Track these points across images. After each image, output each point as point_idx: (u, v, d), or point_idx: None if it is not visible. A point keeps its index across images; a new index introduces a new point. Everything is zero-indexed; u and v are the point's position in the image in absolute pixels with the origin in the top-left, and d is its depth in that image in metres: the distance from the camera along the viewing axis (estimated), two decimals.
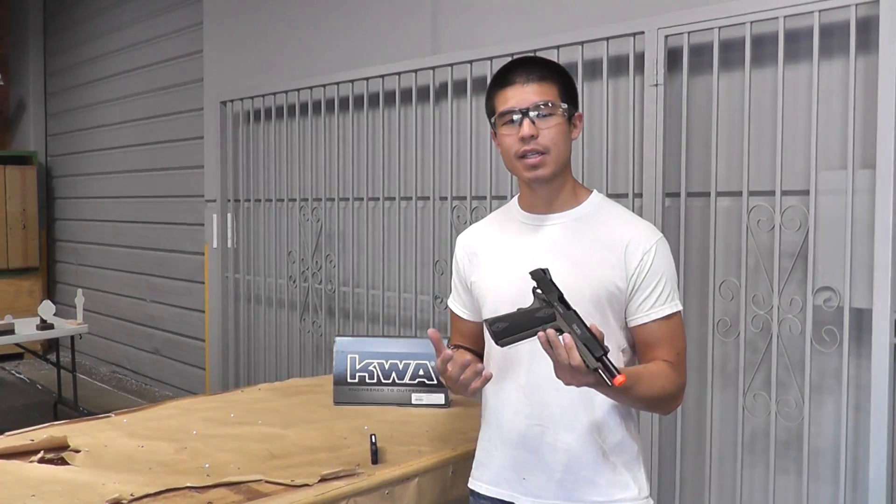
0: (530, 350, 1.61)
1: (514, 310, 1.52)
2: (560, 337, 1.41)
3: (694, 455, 2.69)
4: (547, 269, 1.51)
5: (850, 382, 2.33)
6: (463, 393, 1.63)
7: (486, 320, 1.56)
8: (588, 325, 1.42)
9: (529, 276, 1.51)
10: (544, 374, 1.62)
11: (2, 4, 7.96)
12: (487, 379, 1.61)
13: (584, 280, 1.62)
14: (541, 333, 1.43)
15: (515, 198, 1.79)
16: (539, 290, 1.49)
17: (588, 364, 1.40)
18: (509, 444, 1.70)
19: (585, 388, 1.51)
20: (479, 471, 1.78)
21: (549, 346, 1.42)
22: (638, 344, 1.67)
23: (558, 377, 1.45)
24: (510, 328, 1.50)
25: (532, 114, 1.59)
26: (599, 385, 1.45)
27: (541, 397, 1.65)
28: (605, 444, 1.65)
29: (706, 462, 2.61)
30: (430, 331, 1.62)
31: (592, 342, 1.41)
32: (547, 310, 1.48)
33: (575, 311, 1.45)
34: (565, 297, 1.47)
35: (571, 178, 1.72)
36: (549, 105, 1.60)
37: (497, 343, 1.52)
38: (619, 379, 1.39)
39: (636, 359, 1.70)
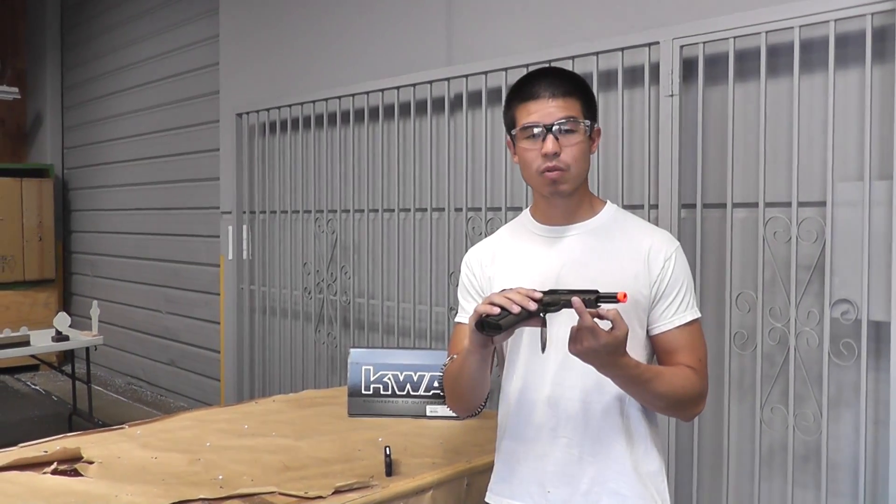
0: (555, 361, 1.62)
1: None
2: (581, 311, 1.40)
3: (711, 468, 2.66)
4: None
5: (869, 396, 2.30)
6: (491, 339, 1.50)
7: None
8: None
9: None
10: (570, 386, 1.62)
11: (20, 19, 8.06)
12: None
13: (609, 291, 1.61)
14: (574, 299, 1.40)
15: (526, 210, 1.78)
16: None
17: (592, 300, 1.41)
18: (534, 456, 1.68)
19: (610, 402, 1.56)
20: (500, 485, 1.75)
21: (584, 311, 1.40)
22: (659, 352, 1.66)
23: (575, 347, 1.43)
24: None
25: (555, 129, 1.58)
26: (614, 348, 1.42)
27: (566, 409, 1.64)
28: (631, 455, 1.64)
29: (723, 475, 2.58)
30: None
31: (583, 292, 1.42)
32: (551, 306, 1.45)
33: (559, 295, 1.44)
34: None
35: (588, 190, 1.72)
36: (573, 121, 1.59)
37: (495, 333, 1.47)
38: (620, 294, 1.40)
39: None
